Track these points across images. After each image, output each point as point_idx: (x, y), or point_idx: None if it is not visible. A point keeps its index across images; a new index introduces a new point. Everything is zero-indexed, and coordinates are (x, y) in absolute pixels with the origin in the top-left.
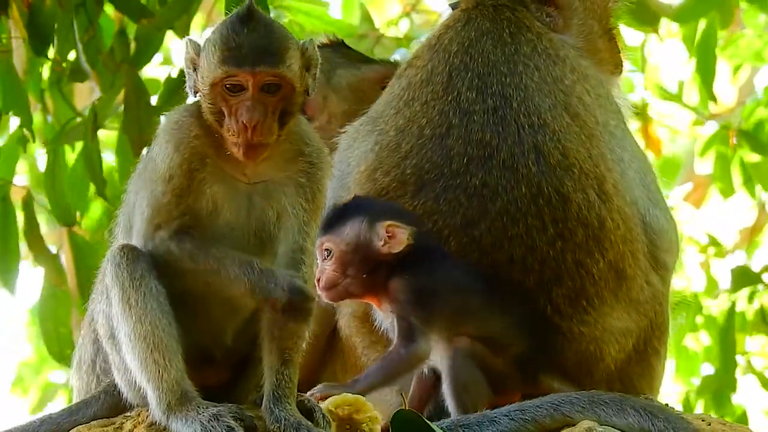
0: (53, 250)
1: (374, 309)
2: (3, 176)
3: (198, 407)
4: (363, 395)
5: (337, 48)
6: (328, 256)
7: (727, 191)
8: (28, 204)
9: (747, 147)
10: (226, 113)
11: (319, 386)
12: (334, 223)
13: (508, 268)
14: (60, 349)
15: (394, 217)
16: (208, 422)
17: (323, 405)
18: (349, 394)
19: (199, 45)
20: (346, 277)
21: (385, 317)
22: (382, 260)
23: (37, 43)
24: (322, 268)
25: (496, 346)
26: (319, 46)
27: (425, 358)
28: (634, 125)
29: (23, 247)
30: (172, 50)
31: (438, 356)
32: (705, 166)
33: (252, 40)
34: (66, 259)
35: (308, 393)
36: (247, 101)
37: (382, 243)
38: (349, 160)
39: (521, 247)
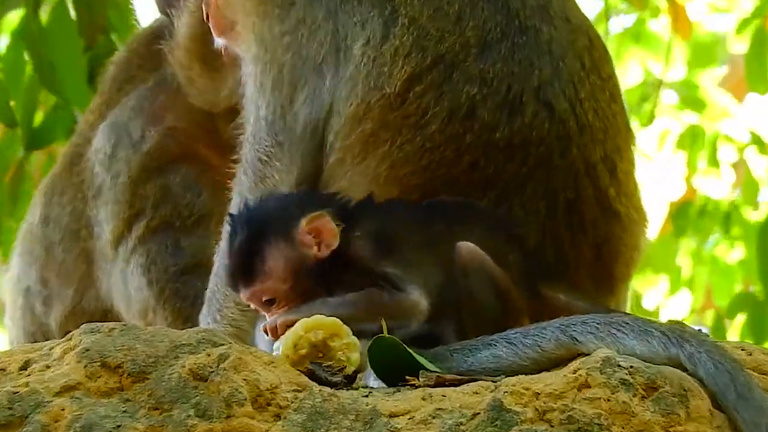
0: None
1: None
2: None
3: None
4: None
5: None
6: (272, 303)
7: (758, 86)
8: None
9: None
10: None
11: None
12: (251, 269)
13: (579, 139)
14: None
15: (302, 210)
16: None
17: (294, 328)
18: (324, 317)
19: None
20: (307, 299)
21: None
22: (328, 259)
23: None
24: (274, 316)
25: (496, 255)
26: None
27: (415, 310)
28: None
29: None
30: None
31: None
32: (742, 46)
33: None
34: None
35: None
36: None
37: (316, 249)
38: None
39: (589, 112)
